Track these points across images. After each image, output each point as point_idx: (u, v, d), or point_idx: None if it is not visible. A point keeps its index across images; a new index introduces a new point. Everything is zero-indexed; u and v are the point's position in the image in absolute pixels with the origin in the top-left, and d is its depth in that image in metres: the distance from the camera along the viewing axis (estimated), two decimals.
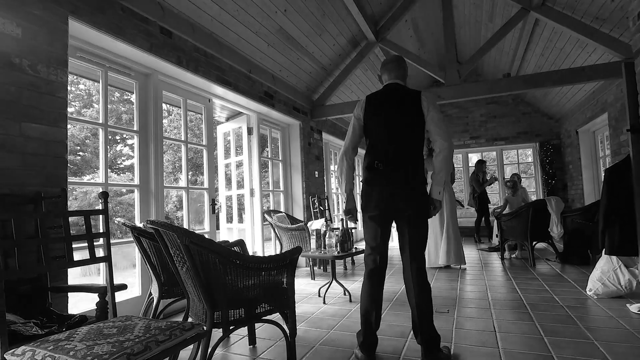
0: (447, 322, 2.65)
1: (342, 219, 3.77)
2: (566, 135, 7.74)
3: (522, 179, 7.55)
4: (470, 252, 5.94)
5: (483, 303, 3.11)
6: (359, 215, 2.24)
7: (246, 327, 2.43)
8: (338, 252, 3.45)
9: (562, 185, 8.04)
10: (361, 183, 2.23)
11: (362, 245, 5.27)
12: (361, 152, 2.26)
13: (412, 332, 2.48)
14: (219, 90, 3.85)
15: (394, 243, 4.65)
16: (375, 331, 2.07)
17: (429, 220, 2.14)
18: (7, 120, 1.95)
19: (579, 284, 3.59)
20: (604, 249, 3.05)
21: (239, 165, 4.89)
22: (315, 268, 4.89)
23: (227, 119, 5.11)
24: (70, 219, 1.82)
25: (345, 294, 3.49)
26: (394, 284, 3.92)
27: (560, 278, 3.91)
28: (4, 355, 1.23)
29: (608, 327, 2.43)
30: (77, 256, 1.87)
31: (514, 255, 5.40)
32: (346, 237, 3.49)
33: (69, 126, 2.28)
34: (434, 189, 2.06)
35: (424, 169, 2.09)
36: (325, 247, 3.57)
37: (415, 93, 2.11)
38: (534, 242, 4.82)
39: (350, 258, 5.17)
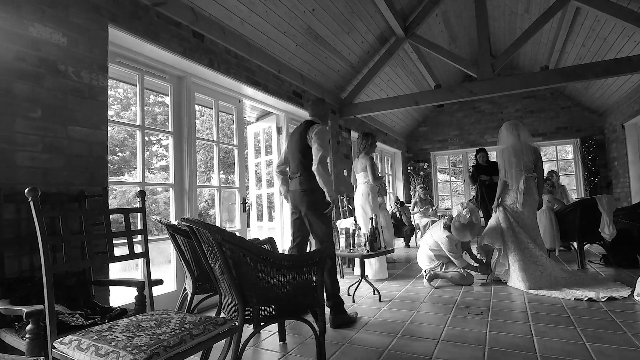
0: (480, 325, 2.57)
1: (371, 218, 3.74)
2: (611, 129, 7.28)
3: (561, 177, 7.19)
4: None
5: (519, 306, 2.99)
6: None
7: (276, 324, 2.46)
8: (367, 251, 3.43)
9: (606, 183, 7.57)
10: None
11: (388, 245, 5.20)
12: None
13: (443, 331, 2.44)
14: (249, 90, 3.92)
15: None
16: None
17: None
18: (55, 124, 2.08)
19: None
20: None
21: (269, 164, 4.96)
22: (345, 267, 4.88)
23: (257, 119, 5.20)
24: (110, 216, 1.92)
25: (374, 293, 3.46)
26: (422, 286, 3.84)
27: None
28: (54, 343, 1.32)
29: None
30: (118, 252, 1.96)
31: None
32: (375, 236, 3.46)
33: (109, 128, 2.40)
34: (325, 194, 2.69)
35: (315, 179, 2.68)
36: (354, 246, 3.55)
37: (308, 126, 2.78)
38: (584, 243, 4.50)
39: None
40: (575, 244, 4.48)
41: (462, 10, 6.21)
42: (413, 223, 6.90)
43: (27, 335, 1.39)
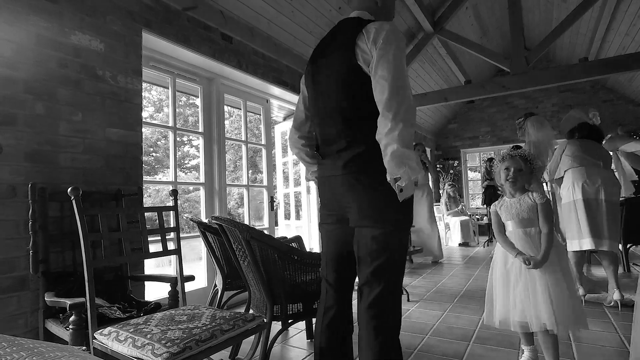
0: None
1: None
2: None
3: None
4: None
5: None
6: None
7: (304, 321, 2.48)
8: None
9: None
10: None
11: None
12: None
13: (474, 333, 2.37)
14: (276, 90, 3.96)
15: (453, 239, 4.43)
16: None
17: None
18: (94, 126, 2.19)
19: None
20: None
21: (296, 163, 5.00)
22: None
23: (284, 119, 5.25)
24: (145, 214, 2.00)
25: (403, 293, 3.42)
26: (456, 279, 3.75)
27: None
28: (94, 334, 1.40)
29: None
30: (152, 248, 2.04)
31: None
32: None
33: (143, 129, 2.50)
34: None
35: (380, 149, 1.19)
36: None
37: (356, 28, 1.27)
38: (629, 245, 4.18)
39: (407, 256, 5.06)
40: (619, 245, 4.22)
41: (494, 2, 6.00)
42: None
43: (70, 326, 1.48)
